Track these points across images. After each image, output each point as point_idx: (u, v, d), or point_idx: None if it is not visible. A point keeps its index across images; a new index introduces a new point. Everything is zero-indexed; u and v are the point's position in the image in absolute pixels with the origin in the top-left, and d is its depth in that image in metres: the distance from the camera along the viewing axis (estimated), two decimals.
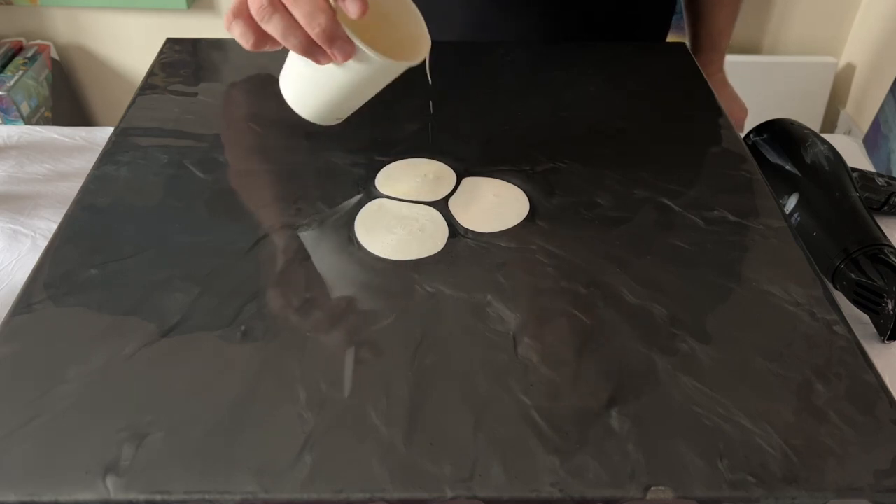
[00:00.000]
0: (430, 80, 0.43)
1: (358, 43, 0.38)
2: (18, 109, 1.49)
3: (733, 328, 0.37)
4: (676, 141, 0.51)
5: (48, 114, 1.60)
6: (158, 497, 0.29)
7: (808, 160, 0.57)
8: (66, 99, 1.70)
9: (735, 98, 0.79)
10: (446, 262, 0.40)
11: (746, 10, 1.59)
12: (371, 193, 0.45)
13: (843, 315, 0.38)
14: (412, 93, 0.46)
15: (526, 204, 0.45)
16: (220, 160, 0.48)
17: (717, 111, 0.54)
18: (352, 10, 0.37)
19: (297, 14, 0.37)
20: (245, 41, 0.40)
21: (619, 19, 0.70)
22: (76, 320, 0.36)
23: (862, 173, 0.61)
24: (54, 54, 1.66)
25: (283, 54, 0.43)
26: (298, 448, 0.31)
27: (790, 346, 0.36)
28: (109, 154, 0.48)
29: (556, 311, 0.37)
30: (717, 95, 0.56)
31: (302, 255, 0.41)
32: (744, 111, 0.78)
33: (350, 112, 0.46)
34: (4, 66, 1.55)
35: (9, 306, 0.37)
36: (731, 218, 0.44)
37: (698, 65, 0.60)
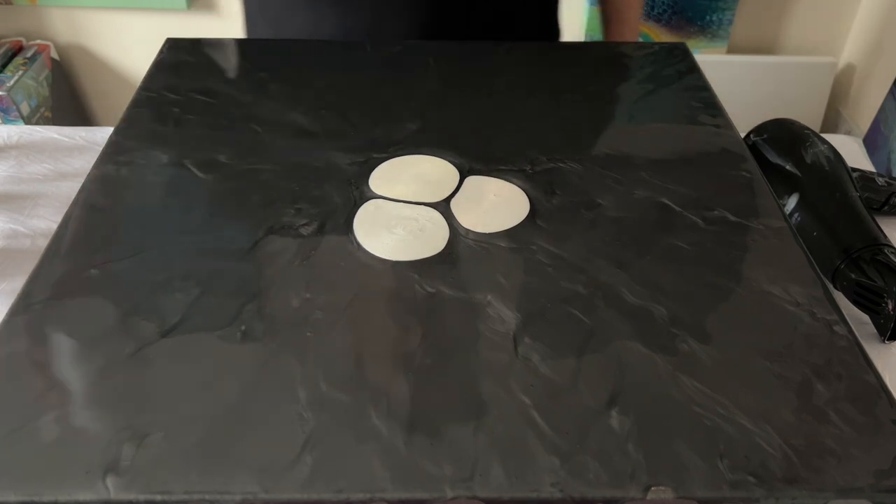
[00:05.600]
0: None
1: None
2: (18, 109, 1.49)
3: (733, 328, 0.37)
4: (676, 141, 0.51)
5: (48, 114, 1.60)
6: (158, 497, 0.29)
7: (808, 160, 0.57)
8: (66, 99, 1.70)
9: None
10: (446, 263, 0.40)
11: (747, 11, 1.59)
12: (371, 193, 0.45)
13: (843, 315, 0.38)
14: (413, 93, 0.46)
15: (526, 204, 0.45)
16: (220, 160, 0.48)
17: (717, 111, 0.54)
18: None
19: None
20: None
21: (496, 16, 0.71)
22: (76, 320, 0.36)
23: (862, 173, 0.61)
24: (54, 54, 1.66)
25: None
26: (298, 448, 0.31)
27: (790, 346, 0.36)
28: (109, 154, 0.48)
29: (556, 311, 0.37)
30: None
31: (302, 255, 0.41)
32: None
33: None
34: (4, 66, 1.56)
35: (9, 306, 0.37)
36: (731, 218, 0.44)
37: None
